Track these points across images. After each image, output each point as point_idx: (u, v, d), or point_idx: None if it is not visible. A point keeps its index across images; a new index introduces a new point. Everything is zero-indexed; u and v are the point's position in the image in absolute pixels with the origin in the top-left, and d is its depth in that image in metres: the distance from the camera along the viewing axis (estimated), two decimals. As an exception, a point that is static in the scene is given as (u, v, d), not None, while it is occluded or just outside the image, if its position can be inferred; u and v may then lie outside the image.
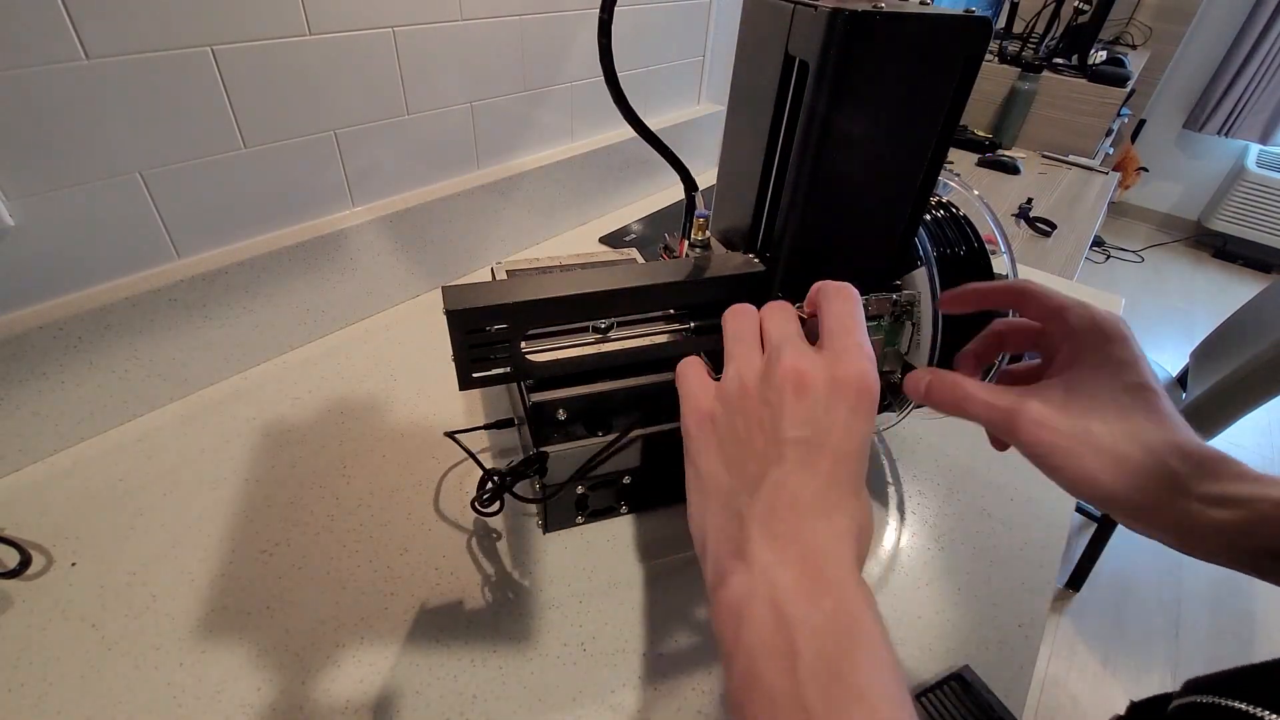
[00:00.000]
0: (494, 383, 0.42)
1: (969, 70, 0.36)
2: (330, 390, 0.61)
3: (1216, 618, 1.48)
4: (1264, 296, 1.26)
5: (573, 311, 0.40)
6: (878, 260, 0.43)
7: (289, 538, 0.47)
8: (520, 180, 0.80)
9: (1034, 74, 1.62)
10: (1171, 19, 2.61)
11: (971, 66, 0.36)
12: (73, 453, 0.53)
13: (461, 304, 0.37)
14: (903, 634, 0.44)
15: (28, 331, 0.48)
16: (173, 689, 0.38)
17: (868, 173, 0.38)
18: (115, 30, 0.45)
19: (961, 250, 0.45)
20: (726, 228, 0.48)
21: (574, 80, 0.83)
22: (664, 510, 0.52)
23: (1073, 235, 1.25)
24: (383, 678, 0.39)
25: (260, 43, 0.53)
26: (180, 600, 0.43)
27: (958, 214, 0.46)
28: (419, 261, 0.73)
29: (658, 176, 1.04)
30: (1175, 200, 3.31)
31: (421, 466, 0.54)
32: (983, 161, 1.55)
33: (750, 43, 0.41)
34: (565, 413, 0.45)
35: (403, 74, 0.64)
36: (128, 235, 0.52)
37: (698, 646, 0.42)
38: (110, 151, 0.49)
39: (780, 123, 0.39)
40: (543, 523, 0.49)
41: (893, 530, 0.52)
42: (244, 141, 0.55)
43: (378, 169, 0.67)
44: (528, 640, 0.42)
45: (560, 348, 0.43)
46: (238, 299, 0.59)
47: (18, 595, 0.42)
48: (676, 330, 0.45)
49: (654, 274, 0.42)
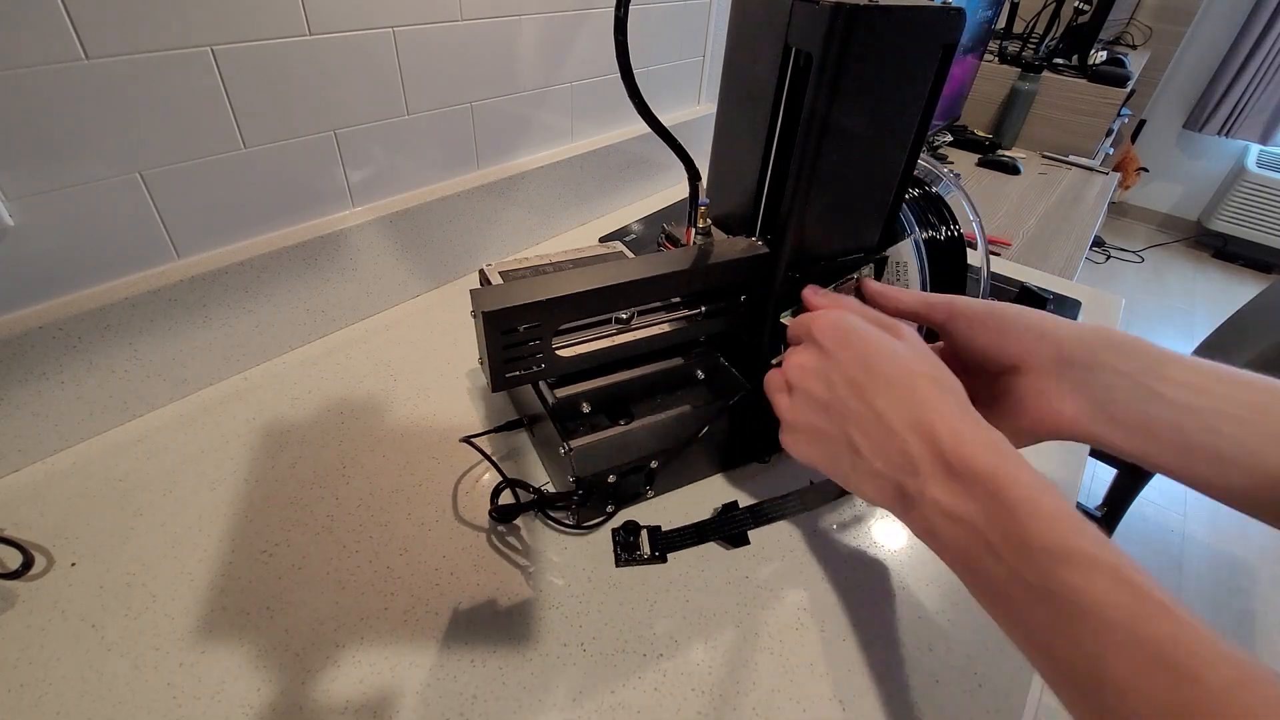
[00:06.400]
0: (525, 382, 0.43)
1: (946, 57, 0.40)
2: (330, 390, 0.61)
3: (1216, 618, 1.48)
4: (1264, 297, 1.26)
5: (600, 304, 0.42)
6: (869, 235, 0.47)
7: (289, 538, 0.47)
8: (520, 180, 0.80)
9: (1034, 74, 1.62)
10: (1171, 19, 2.61)
11: (948, 54, 0.40)
12: (73, 453, 0.53)
13: (495, 305, 0.37)
14: (903, 634, 0.44)
15: (28, 331, 0.48)
16: (172, 689, 0.38)
17: (863, 155, 0.42)
18: (115, 30, 0.45)
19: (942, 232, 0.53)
20: (723, 213, 0.49)
21: (574, 80, 0.83)
22: (681, 491, 0.53)
23: (1073, 235, 1.25)
24: (383, 678, 0.39)
25: (260, 43, 0.53)
26: (180, 600, 0.43)
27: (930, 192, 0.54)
28: (419, 261, 0.73)
29: (657, 176, 1.04)
30: (1175, 200, 3.31)
31: (421, 467, 0.54)
32: (983, 162, 1.55)
33: (745, 32, 0.43)
34: (589, 405, 0.47)
35: (403, 74, 0.64)
36: (128, 235, 0.52)
37: (698, 647, 0.42)
38: (110, 151, 0.49)
39: (779, 111, 0.40)
40: (574, 519, 0.49)
41: (893, 530, 0.52)
42: (244, 141, 0.55)
43: (378, 169, 0.67)
44: (528, 640, 0.42)
45: (583, 341, 0.44)
46: (238, 299, 0.59)
47: (18, 595, 0.42)
48: (688, 316, 0.48)
49: (670, 262, 0.44)
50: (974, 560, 0.26)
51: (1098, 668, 0.21)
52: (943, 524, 0.27)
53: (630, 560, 0.47)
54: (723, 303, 0.47)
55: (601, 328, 0.46)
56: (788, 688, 0.41)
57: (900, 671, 0.42)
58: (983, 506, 0.25)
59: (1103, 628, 0.21)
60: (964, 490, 0.26)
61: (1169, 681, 0.20)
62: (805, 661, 0.42)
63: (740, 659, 0.42)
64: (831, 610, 0.45)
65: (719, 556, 0.48)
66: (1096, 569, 0.22)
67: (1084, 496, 1.57)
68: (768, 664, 0.42)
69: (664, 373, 0.49)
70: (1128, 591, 0.22)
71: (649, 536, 0.49)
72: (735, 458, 0.55)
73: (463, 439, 0.52)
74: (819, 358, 0.33)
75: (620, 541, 0.48)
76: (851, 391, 0.30)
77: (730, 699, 0.40)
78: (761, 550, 0.49)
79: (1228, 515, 1.99)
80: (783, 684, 0.41)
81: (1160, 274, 3.05)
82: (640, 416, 0.48)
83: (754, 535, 0.50)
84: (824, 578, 0.47)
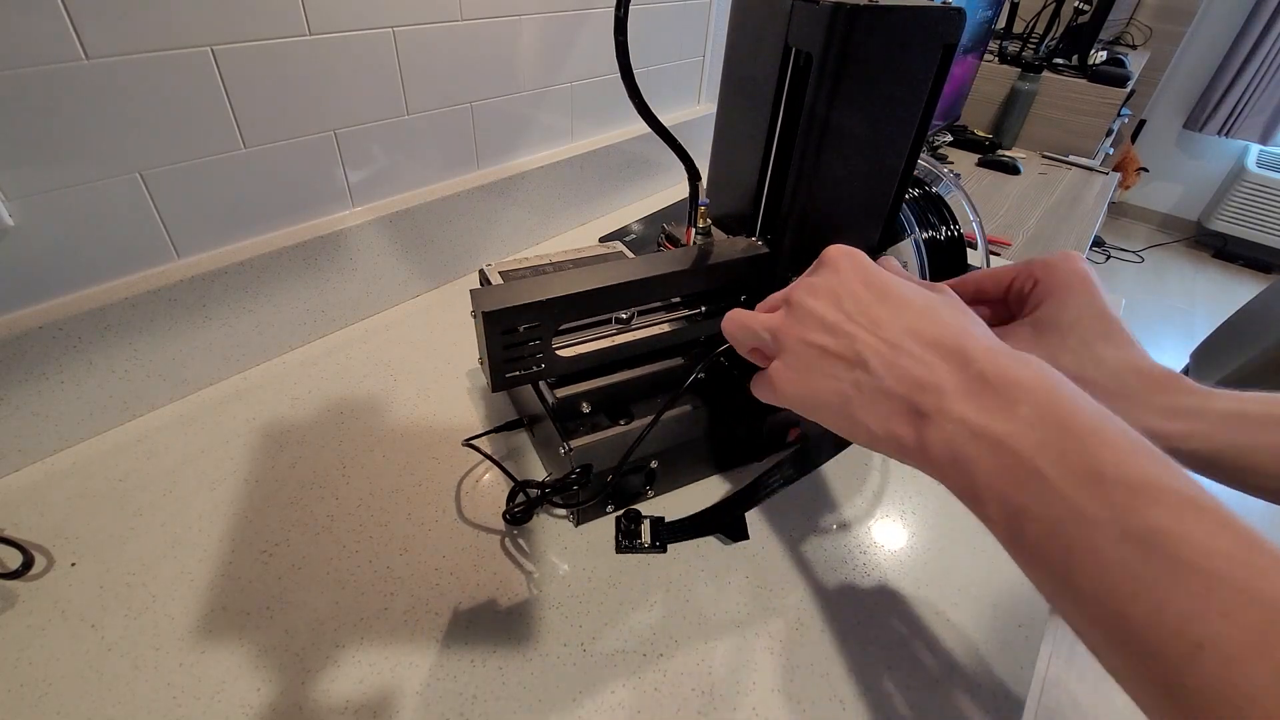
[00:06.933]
0: (525, 382, 0.43)
1: (946, 57, 0.40)
2: (330, 390, 0.61)
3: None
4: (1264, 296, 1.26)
5: (600, 304, 0.42)
6: (870, 234, 0.47)
7: (289, 538, 0.47)
8: (520, 180, 0.80)
9: (1034, 74, 1.62)
10: (1171, 19, 2.61)
11: (948, 54, 0.40)
12: (73, 453, 0.53)
13: (496, 305, 0.37)
14: (904, 634, 0.44)
15: (28, 331, 0.48)
16: (172, 689, 0.38)
17: (863, 155, 0.42)
18: (115, 30, 0.45)
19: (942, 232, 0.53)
20: (723, 213, 0.50)
21: (574, 80, 0.83)
22: (682, 491, 0.53)
23: (1073, 235, 1.25)
24: (383, 678, 0.39)
25: (260, 43, 0.53)
26: (180, 600, 0.43)
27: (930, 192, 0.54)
28: (419, 261, 0.73)
29: (657, 176, 1.04)
30: (1175, 200, 3.31)
31: (421, 467, 0.54)
32: (983, 162, 1.55)
33: (746, 32, 0.43)
34: (589, 405, 0.47)
35: (403, 74, 0.64)
36: (127, 235, 0.52)
37: (698, 647, 0.42)
38: (110, 151, 0.49)
39: (779, 111, 0.40)
40: (575, 517, 0.49)
41: (893, 530, 0.52)
42: (244, 141, 0.55)
43: (378, 169, 0.67)
44: (528, 640, 0.42)
45: (584, 341, 0.44)
46: (238, 299, 0.59)
47: (18, 595, 0.42)
48: (688, 315, 0.48)
49: (670, 262, 0.44)
50: (1014, 493, 0.20)
51: (1197, 631, 0.17)
52: (971, 447, 0.21)
53: (630, 548, 0.47)
54: (723, 303, 0.47)
55: (601, 328, 0.46)
56: (787, 687, 0.41)
57: (901, 671, 0.42)
58: (1030, 428, 0.21)
59: (1207, 582, 0.17)
60: (1003, 407, 0.21)
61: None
62: (805, 661, 0.42)
63: (740, 659, 0.42)
64: (831, 609, 0.45)
65: (719, 555, 0.48)
66: (1193, 509, 0.18)
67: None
68: (768, 664, 0.42)
69: (664, 373, 0.49)
70: (1234, 539, 0.17)
71: (650, 526, 0.49)
72: (735, 458, 0.55)
73: (464, 441, 0.52)
74: (829, 276, 0.29)
75: (622, 529, 0.48)
76: (863, 309, 0.26)
77: (730, 699, 0.40)
78: (762, 549, 0.49)
79: (1228, 515, 2.01)
80: (783, 684, 0.41)
81: (1160, 274, 3.05)
82: (640, 416, 0.48)
83: (754, 534, 0.50)
84: (824, 577, 0.47)
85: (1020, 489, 0.20)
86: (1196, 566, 0.17)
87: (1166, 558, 0.18)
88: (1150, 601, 0.18)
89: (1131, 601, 0.18)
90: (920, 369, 0.24)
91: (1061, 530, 0.19)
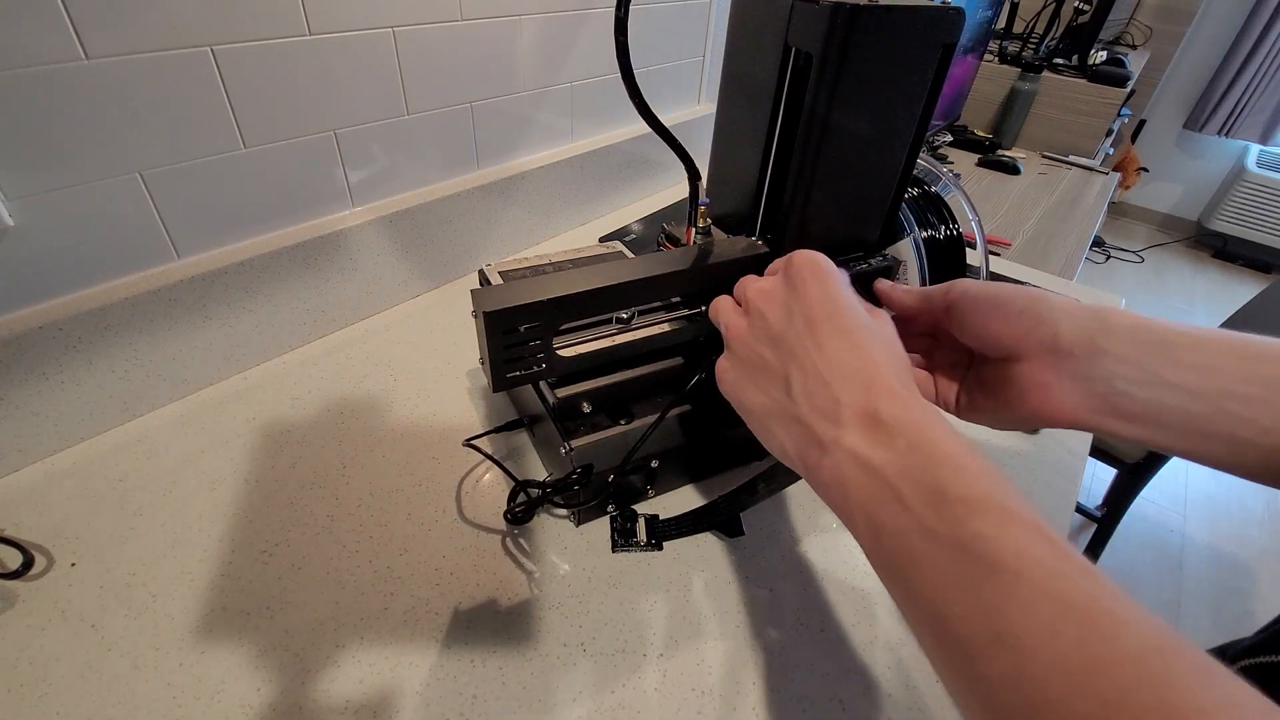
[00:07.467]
0: (525, 382, 0.43)
1: (945, 57, 0.40)
2: (330, 390, 0.61)
3: (1217, 618, 1.48)
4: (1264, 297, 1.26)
5: (601, 304, 0.42)
6: (870, 233, 0.47)
7: (289, 538, 0.47)
8: (520, 180, 0.80)
9: (1034, 74, 1.62)
10: (1171, 19, 2.61)
11: (948, 53, 0.39)
12: (73, 453, 0.53)
13: (496, 305, 0.37)
14: (904, 634, 0.44)
15: (28, 331, 0.48)
16: (172, 689, 0.38)
17: (863, 155, 0.42)
18: (115, 30, 0.45)
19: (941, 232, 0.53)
20: (723, 213, 0.49)
21: (574, 80, 0.83)
22: (684, 490, 0.53)
23: (1073, 235, 1.25)
24: (383, 678, 0.39)
25: (260, 43, 0.53)
26: (180, 600, 0.43)
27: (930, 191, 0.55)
28: (419, 261, 0.73)
29: (657, 176, 1.04)
30: (1175, 200, 3.31)
31: (421, 467, 0.54)
32: (983, 162, 1.55)
33: (746, 32, 0.43)
34: (589, 405, 0.47)
35: (403, 74, 0.64)
36: (127, 235, 0.52)
37: (698, 647, 0.42)
38: (110, 151, 0.49)
39: (779, 111, 0.40)
40: (576, 517, 0.49)
41: (893, 530, 0.52)
42: (244, 141, 0.55)
43: (378, 169, 0.67)
44: (528, 640, 0.42)
45: (584, 341, 0.44)
46: (238, 299, 0.59)
47: (18, 595, 0.42)
48: (689, 315, 0.48)
49: (670, 262, 0.44)
50: (878, 513, 0.24)
51: (996, 625, 0.19)
52: (852, 473, 0.25)
53: (626, 546, 0.47)
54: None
55: (602, 328, 0.46)
56: (788, 687, 0.41)
57: (901, 671, 0.42)
58: (900, 456, 0.24)
59: (1011, 580, 0.19)
60: (884, 440, 0.24)
61: (1079, 641, 0.18)
62: (805, 661, 0.42)
63: (740, 659, 0.42)
64: (831, 609, 0.45)
65: (719, 555, 0.48)
66: (1014, 521, 0.21)
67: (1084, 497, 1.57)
68: (768, 664, 0.42)
69: (664, 372, 0.49)
70: (1046, 548, 0.20)
71: (646, 525, 0.49)
72: (736, 457, 0.55)
73: (465, 442, 0.52)
74: (786, 288, 0.31)
75: (618, 528, 0.48)
76: (808, 328, 0.29)
77: (730, 699, 0.40)
78: (761, 549, 0.49)
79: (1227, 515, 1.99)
80: (783, 684, 0.41)
81: (1160, 274, 3.05)
82: (640, 416, 0.48)
83: (755, 533, 0.50)
84: (824, 577, 0.47)
85: (881, 508, 0.23)
86: (1007, 567, 0.20)
87: (983, 559, 0.20)
88: (966, 600, 0.20)
89: (952, 601, 0.21)
90: (830, 405, 0.27)
91: (908, 541, 0.22)
